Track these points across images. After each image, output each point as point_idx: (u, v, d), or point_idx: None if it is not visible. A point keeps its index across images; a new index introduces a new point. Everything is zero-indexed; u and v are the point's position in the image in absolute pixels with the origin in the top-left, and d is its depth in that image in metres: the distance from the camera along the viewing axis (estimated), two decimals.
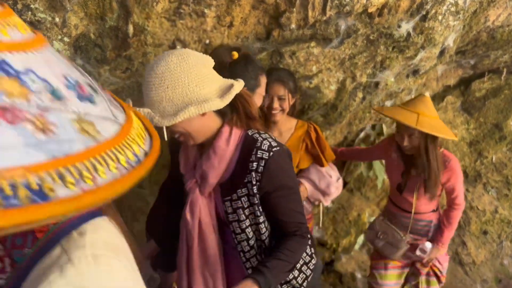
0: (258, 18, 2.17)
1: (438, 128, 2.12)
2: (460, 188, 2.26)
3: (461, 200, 2.28)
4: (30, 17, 1.69)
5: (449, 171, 2.21)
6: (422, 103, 2.17)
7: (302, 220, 1.41)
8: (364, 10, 2.18)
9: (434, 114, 2.16)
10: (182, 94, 1.20)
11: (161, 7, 1.88)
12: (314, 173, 2.19)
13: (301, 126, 2.15)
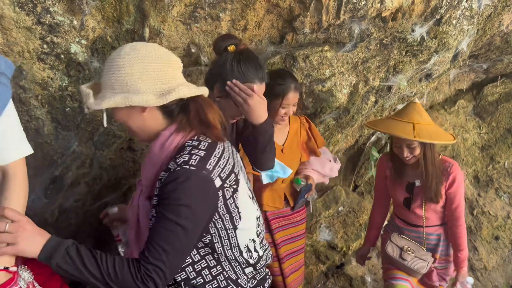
0: (272, 22, 2.18)
1: (436, 134, 2.04)
2: (461, 196, 2.15)
3: (461, 211, 2.15)
4: (49, 20, 1.72)
5: (451, 176, 2.13)
6: (414, 111, 2.08)
7: (158, 257, 1.08)
8: (378, 14, 2.18)
9: (429, 121, 2.08)
10: (122, 83, 1.14)
11: (177, 11, 1.90)
12: (316, 163, 2.29)
13: (294, 121, 2.22)
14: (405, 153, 2.06)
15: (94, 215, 2.24)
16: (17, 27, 1.68)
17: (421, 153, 2.06)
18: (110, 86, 1.17)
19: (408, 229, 2.29)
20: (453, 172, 2.12)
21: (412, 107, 2.10)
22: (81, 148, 2.00)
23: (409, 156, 2.08)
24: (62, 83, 1.89)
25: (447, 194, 2.14)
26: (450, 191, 2.13)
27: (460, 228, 2.15)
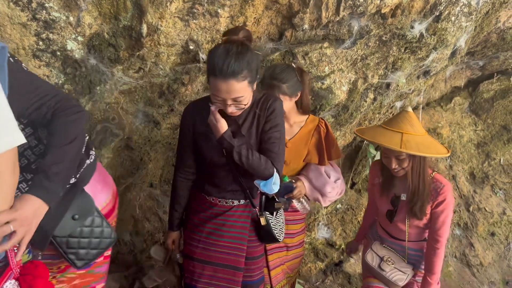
0: (271, 19, 2.16)
1: (425, 146, 1.89)
2: (446, 219, 1.97)
3: (443, 234, 1.97)
4: (45, 16, 1.69)
5: (440, 198, 1.96)
6: (405, 120, 1.94)
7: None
8: (377, 10, 2.17)
9: (420, 131, 1.93)
10: None
11: (175, 7, 1.87)
12: (312, 171, 2.16)
13: (311, 121, 2.12)
14: (393, 164, 1.93)
15: None
16: (12, 23, 1.65)
17: (409, 166, 1.92)
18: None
19: (390, 241, 2.18)
20: (443, 194, 1.95)
21: (403, 115, 1.96)
22: None
23: (397, 168, 1.94)
24: (58, 80, 1.86)
25: (432, 212, 1.99)
26: (435, 210, 1.98)
27: (438, 252, 1.98)
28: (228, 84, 1.42)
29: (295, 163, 2.13)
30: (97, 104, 1.96)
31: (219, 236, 1.74)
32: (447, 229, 2.00)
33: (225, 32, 1.55)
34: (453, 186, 4.14)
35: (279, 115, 1.65)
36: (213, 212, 1.76)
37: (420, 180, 1.92)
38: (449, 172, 4.13)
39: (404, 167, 1.92)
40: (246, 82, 1.46)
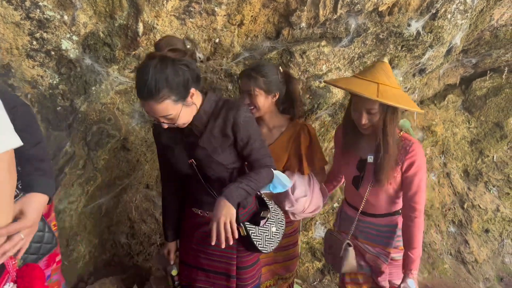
0: (268, 17, 2.14)
1: (403, 99, 1.70)
2: (421, 182, 1.77)
3: (419, 200, 1.77)
4: (39, 15, 1.65)
5: (410, 156, 1.75)
6: (381, 70, 1.72)
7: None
8: (374, 8, 2.16)
9: (395, 85, 1.74)
10: None
11: (171, 5, 1.85)
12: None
13: (294, 126, 1.97)
14: (363, 119, 1.71)
15: (88, 217, 2.17)
16: (5, 23, 1.61)
17: (380, 121, 1.71)
18: None
19: (361, 219, 1.93)
20: (412, 152, 1.74)
21: (379, 66, 1.75)
22: (74, 148, 1.93)
23: (367, 124, 1.72)
24: (52, 81, 1.82)
25: (403, 178, 1.78)
26: (407, 175, 1.76)
27: (416, 222, 1.77)
28: (150, 105, 1.34)
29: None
30: (92, 104, 1.92)
31: (208, 243, 1.62)
32: (423, 194, 1.79)
33: (155, 43, 1.45)
34: (447, 183, 4.17)
35: (247, 125, 1.53)
36: (199, 222, 1.71)
37: (390, 138, 1.71)
38: (443, 169, 4.15)
39: (374, 122, 1.72)
40: (169, 101, 1.34)
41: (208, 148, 1.54)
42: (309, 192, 1.99)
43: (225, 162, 1.57)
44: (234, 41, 2.11)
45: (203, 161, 1.56)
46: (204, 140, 1.54)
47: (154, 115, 1.39)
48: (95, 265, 2.35)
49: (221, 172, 1.59)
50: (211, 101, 1.54)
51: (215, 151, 1.55)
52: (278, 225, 1.80)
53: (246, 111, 1.56)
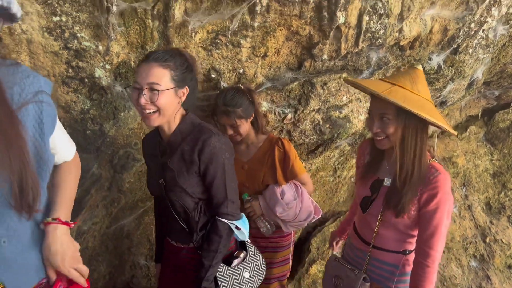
0: (291, 49, 2.21)
1: (419, 105, 1.39)
2: (442, 222, 1.46)
3: (437, 244, 1.46)
4: (76, 45, 1.75)
5: (432, 188, 1.44)
6: (407, 75, 1.50)
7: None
8: (396, 43, 2.21)
9: (423, 93, 1.46)
10: None
11: (199, 37, 1.93)
12: (268, 189, 2.06)
13: (269, 141, 2.07)
14: (374, 126, 1.47)
15: (111, 238, 2.23)
16: (45, 52, 1.72)
17: (397, 134, 1.43)
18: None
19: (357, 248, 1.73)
20: (436, 184, 1.44)
21: (408, 71, 1.53)
22: (101, 170, 2.00)
23: (379, 133, 1.47)
24: (84, 106, 1.92)
25: (420, 213, 1.49)
26: (425, 210, 1.47)
27: (427, 272, 1.46)
28: (149, 65, 1.42)
29: (254, 185, 2.07)
30: (120, 129, 2.01)
31: (178, 271, 1.67)
32: (441, 239, 1.47)
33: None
34: (469, 216, 4.09)
35: (214, 156, 1.48)
36: (171, 250, 1.71)
37: (414, 160, 1.44)
38: (465, 201, 4.08)
39: (388, 134, 1.45)
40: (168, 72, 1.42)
41: (175, 170, 1.52)
42: (298, 197, 2.04)
43: (189, 189, 1.52)
44: (258, 71, 2.18)
45: (169, 183, 1.54)
46: (173, 160, 1.52)
47: (146, 76, 1.39)
48: (114, 286, 2.40)
49: (186, 200, 1.54)
50: (189, 122, 1.54)
51: (181, 174, 1.51)
52: (254, 273, 1.71)
53: (218, 141, 1.49)
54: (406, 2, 2.06)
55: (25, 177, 0.96)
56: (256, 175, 2.06)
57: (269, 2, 1.89)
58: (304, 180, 2.10)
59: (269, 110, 2.26)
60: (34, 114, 1.04)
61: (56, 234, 1.11)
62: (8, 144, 0.93)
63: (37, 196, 1.01)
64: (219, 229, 1.54)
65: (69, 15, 1.65)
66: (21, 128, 0.98)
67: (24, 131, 0.99)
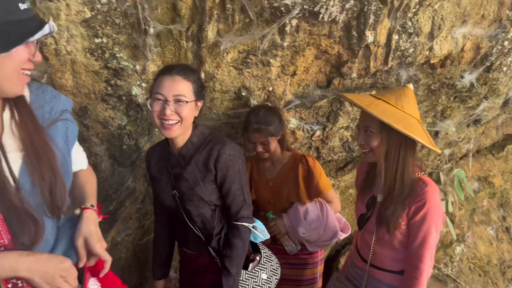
0: (319, 67, 2.25)
1: (403, 122, 1.43)
2: (430, 233, 1.45)
3: (424, 255, 1.46)
4: (115, 65, 1.86)
5: (419, 200, 1.45)
6: (395, 92, 1.54)
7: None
8: (426, 61, 2.20)
9: (407, 108, 1.50)
10: None
11: (231, 57, 2.01)
12: (292, 208, 2.06)
13: (293, 158, 2.10)
14: (359, 139, 1.53)
15: (143, 250, 2.30)
16: (87, 71, 1.83)
17: (382, 148, 1.47)
18: None
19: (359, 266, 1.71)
20: (422, 196, 1.45)
21: (397, 88, 1.59)
22: (135, 184, 2.09)
23: (364, 146, 1.53)
24: (121, 122, 2.02)
25: (409, 225, 1.48)
26: (412, 222, 1.46)
27: (416, 284, 1.47)
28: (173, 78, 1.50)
29: (280, 202, 2.09)
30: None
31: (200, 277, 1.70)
32: (430, 250, 1.46)
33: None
34: (507, 238, 3.92)
35: (230, 163, 1.55)
36: (189, 259, 1.75)
37: (396, 174, 1.47)
38: (502, 223, 3.93)
39: (372, 147, 1.50)
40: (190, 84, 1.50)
41: (191, 180, 1.56)
42: (322, 217, 2.01)
43: (207, 197, 1.57)
44: (287, 89, 2.22)
45: (185, 194, 1.58)
46: (188, 171, 1.57)
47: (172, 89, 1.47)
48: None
49: (203, 208, 1.59)
50: (200, 133, 1.60)
51: (197, 183, 1.56)
52: (271, 273, 1.74)
53: (232, 149, 1.56)
54: (437, 21, 2.06)
55: (55, 185, 1.07)
56: (280, 192, 2.08)
57: (299, 23, 1.95)
58: (330, 198, 2.09)
59: (298, 127, 2.29)
60: (61, 131, 1.16)
61: (91, 219, 1.20)
62: (39, 158, 1.06)
63: (64, 200, 1.11)
64: (241, 233, 1.58)
65: (109, 37, 1.76)
66: (51, 143, 1.10)
67: (54, 146, 1.11)
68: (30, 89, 1.15)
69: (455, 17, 2.08)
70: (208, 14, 1.75)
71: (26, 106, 1.09)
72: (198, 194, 1.56)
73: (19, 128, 1.05)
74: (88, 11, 1.63)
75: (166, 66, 1.59)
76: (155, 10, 1.73)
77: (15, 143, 1.05)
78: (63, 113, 1.17)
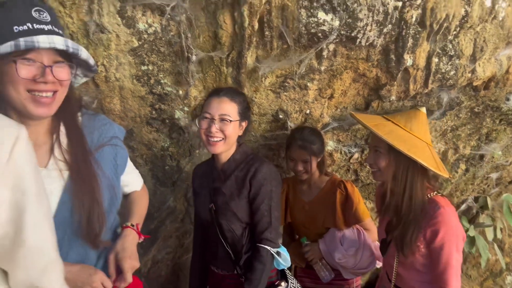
0: (358, 90, 2.26)
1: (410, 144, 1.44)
2: (452, 256, 1.42)
3: (451, 279, 1.42)
4: (160, 90, 1.97)
5: (433, 224, 1.42)
6: (406, 114, 1.60)
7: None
8: (468, 83, 2.16)
9: (416, 131, 1.53)
10: None
11: (269, 81, 2.06)
12: (329, 233, 2.03)
13: (332, 182, 2.09)
14: (368, 158, 1.56)
15: (181, 268, 2.36)
16: (133, 96, 1.95)
17: (390, 169, 1.48)
18: None
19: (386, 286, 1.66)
20: (437, 219, 1.41)
21: (409, 111, 1.62)
22: (175, 203, 2.17)
23: (373, 166, 1.54)
24: (164, 144, 2.11)
25: (430, 250, 1.45)
26: (432, 247, 1.44)
27: None
28: (224, 100, 1.69)
29: (315, 227, 2.06)
30: (195, 165, 2.17)
31: None
32: (456, 272, 1.42)
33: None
34: None
35: (264, 182, 1.62)
36: (216, 278, 1.78)
37: (404, 196, 1.45)
38: None
39: (380, 167, 1.51)
40: (236, 106, 1.67)
41: (227, 194, 1.65)
42: (359, 245, 1.98)
43: (239, 213, 1.64)
44: (324, 112, 2.24)
45: (221, 207, 1.66)
46: (227, 185, 1.67)
47: (219, 109, 1.63)
48: None
49: (234, 224, 1.65)
50: (243, 151, 1.72)
51: (233, 198, 1.65)
52: None
53: (269, 170, 1.65)
54: (479, 43, 2.02)
55: (93, 211, 1.12)
56: (316, 217, 2.07)
57: (336, 47, 1.97)
58: (368, 226, 2.06)
59: (335, 149, 2.30)
60: (109, 156, 1.22)
61: (128, 237, 1.25)
62: (82, 181, 1.11)
63: (102, 229, 1.15)
64: (262, 256, 1.61)
65: (155, 64, 1.87)
66: (96, 168, 1.16)
67: (100, 170, 1.17)
68: (83, 116, 1.24)
69: (499, 38, 2.03)
70: (247, 41, 1.82)
71: (77, 130, 1.16)
72: (232, 209, 1.65)
73: (67, 153, 1.12)
74: (136, 40, 1.75)
75: (215, 88, 1.75)
76: (197, 38, 1.82)
77: (62, 166, 1.11)
78: (112, 139, 1.24)
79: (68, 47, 1.00)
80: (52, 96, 1.04)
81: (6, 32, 0.95)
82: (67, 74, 1.07)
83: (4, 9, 0.96)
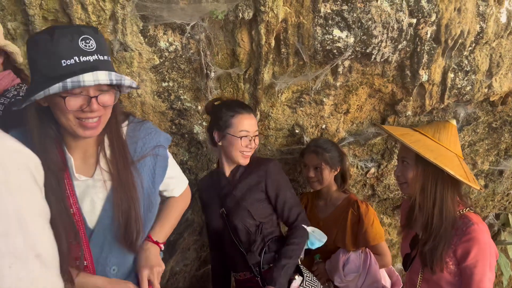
0: (373, 105, 2.28)
1: (432, 151, 1.40)
2: (486, 277, 1.36)
3: None
4: (179, 106, 2.03)
5: (466, 240, 1.36)
6: (436, 126, 1.54)
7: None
8: (485, 98, 2.15)
9: (445, 141, 1.48)
10: None
11: (285, 97, 2.11)
12: (335, 255, 1.99)
13: (347, 201, 2.06)
14: (396, 170, 1.52)
15: (199, 280, 2.39)
16: (154, 112, 2.02)
17: (418, 181, 1.43)
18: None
19: None
20: (469, 235, 1.36)
21: (439, 123, 1.56)
22: (194, 216, 2.21)
23: (400, 178, 1.50)
24: (183, 158, 2.17)
25: (461, 268, 1.39)
26: (464, 266, 1.38)
27: None
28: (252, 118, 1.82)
29: (327, 244, 1.96)
30: None
31: None
32: (489, 284, 1.37)
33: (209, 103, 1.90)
34: None
35: (276, 172, 1.76)
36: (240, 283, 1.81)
37: (434, 210, 1.40)
38: None
39: (407, 179, 1.47)
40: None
41: (238, 196, 1.72)
42: (362, 270, 1.93)
43: (253, 211, 1.70)
44: (340, 127, 2.27)
45: (233, 209, 1.71)
46: (238, 188, 1.74)
47: (254, 126, 1.78)
48: None
49: (248, 222, 1.70)
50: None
51: (244, 198, 1.71)
52: None
53: (275, 164, 1.78)
54: (495, 58, 2.03)
55: (130, 219, 1.18)
56: (328, 233, 1.97)
57: (351, 63, 2.01)
58: (381, 250, 1.98)
59: (351, 164, 2.31)
60: (149, 166, 1.27)
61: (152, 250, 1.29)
62: (122, 190, 1.17)
63: (139, 236, 1.21)
64: (300, 232, 1.70)
65: (175, 81, 1.94)
66: (136, 177, 1.21)
67: (139, 179, 1.22)
68: (129, 125, 1.29)
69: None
70: (264, 58, 1.88)
71: (120, 141, 1.22)
72: (244, 206, 1.71)
73: (110, 163, 1.18)
74: (157, 58, 1.82)
75: (236, 103, 1.81)
76: (216, 56, 1.88)
77: (106, 176, 1.18)
78: (154, 149, 1.27)
79: (111, 80, 1.04)
80: (98, 120, 1.11)
81: (55, 64, 1.01)
82: (112, 100, 1.13)
83: (53, 41, 1.01)
